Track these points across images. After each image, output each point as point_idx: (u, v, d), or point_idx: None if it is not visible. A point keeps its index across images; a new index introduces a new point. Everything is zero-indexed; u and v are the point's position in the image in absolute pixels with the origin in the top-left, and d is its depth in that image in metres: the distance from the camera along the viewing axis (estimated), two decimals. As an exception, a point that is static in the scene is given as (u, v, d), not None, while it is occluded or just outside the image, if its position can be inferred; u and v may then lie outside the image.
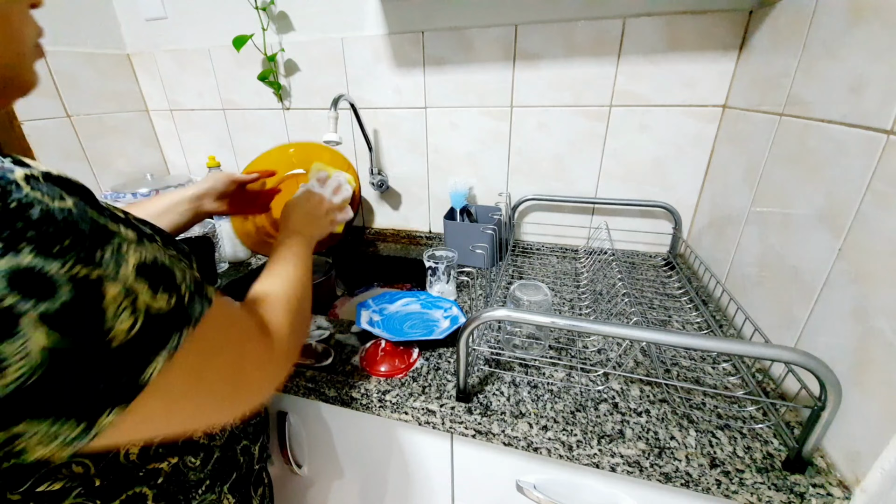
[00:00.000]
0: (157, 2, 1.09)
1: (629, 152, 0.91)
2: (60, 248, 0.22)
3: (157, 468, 0.38)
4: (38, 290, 0.21)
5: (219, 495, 0.43)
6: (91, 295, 0.22)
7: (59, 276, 0.21)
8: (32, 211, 0.21)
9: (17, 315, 0.20)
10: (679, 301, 0.77)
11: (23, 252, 0.21)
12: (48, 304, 0.21)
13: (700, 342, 0.43)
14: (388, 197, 1.15)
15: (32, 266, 0.21)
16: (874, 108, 0.44)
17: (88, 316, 0.22)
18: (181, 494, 0.40)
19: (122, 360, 0.24)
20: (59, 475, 0.31)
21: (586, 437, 0.50)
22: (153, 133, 1.29)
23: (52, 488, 0.31)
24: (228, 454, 0.46)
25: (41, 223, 0.22)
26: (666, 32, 0.79)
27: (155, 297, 0.25)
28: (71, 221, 0.23)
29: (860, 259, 0.45)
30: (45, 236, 0.22)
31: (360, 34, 0.97)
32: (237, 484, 0.47)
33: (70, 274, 0.22)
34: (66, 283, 0.22)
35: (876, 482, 0.40)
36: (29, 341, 0.21)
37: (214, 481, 0.43)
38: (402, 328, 0.69)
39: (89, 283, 0.23)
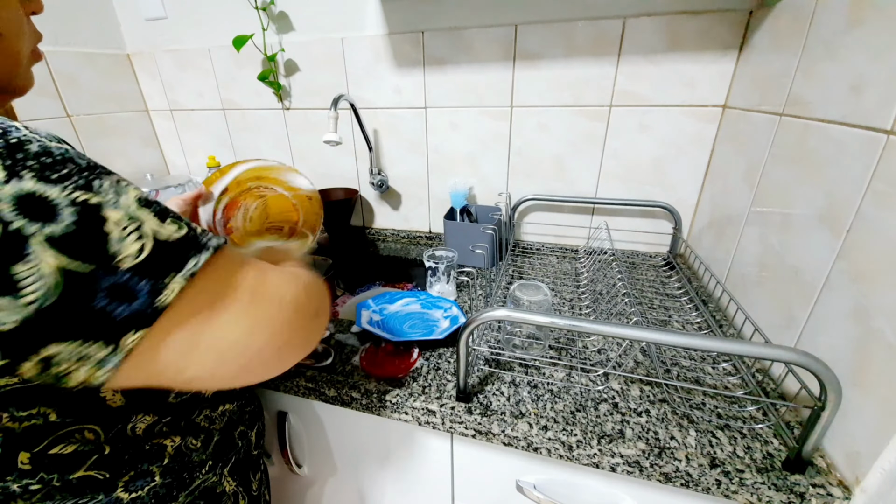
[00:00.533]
0: (157, 2, 1.09)
1: (629, 152, 0.91)
2: (59, 176, 0.23)
3: (162, 444, 0.39)
4: (42, 214, 0.22)
5: (220, 477, 0.45)
6: (92, 219, 0.24)
7: (60, 200, 0.23)
8: (31, 146, 0.23)
9: (25, 237, 0.21)
10: (679, 301, 0.77)
11: (24, 178, 0.22)
12: (53, 227, 0.22)
13: (700, 342, 0.43)
14: (388, 197, 1.15)
15: (34, 191, 0.22)
16: (874, 108, 0.44)
17: (92, 238, 0.23)
18: (185, 473, 0.41)
19: (135, 283, 0.24)
20: (72, 439, 0.32)
21: (586, 437, 0.50)
22: (153, 133, 1.29)
23: (65, 451, 0.32)
24: (227, 438, 0.47)
25: (40, 155, 0.23)
26: (666, 32, 0.79)
27: (163, 225, 0.26)
28: (68, 156, 0.25)
29: (860, 259, 0.45)
30: (45, 165, 0.23)
31: (360, 34, 0.97)
32: (236, 467, 0.48)
33: (70, 198, 0.23)
34: (68, 207, 0.23)
35: (876, 482, 0.40)
36: (41, 263, 0.22)
37: (216, 462, 0.44)
38: (402, 328, 0.69)
39: (89, 207, 0.24)
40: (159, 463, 0.39)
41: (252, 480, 0.51)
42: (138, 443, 0.37)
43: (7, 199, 0.21)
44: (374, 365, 0.61)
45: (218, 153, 1.26)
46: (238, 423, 0.49)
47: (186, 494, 0.41)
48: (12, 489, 0.31)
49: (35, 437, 0.30)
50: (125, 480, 0.36)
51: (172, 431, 0.40)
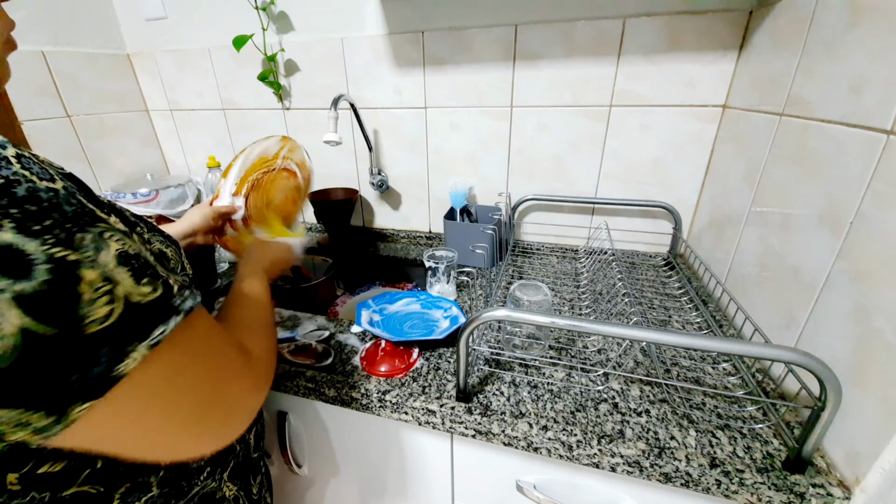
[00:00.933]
0: (157, 2, 1.09)
1: (629, 152, 0.91)
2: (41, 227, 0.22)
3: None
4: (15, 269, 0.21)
5: (219, 482, 0.44)
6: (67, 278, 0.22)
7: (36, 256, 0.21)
8: (18, 188, 0.22)
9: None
10: (679, 301, 0.77)
11: (4, 228, 0.21)
12: (24, 284, 0.21)
13: (700, 342, 0.43)
14: (388, 197, 1.15)
15: (11, 243, 0.21)
16: (874, 108, 0.44)
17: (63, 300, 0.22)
18: (183, 481, 0.40)
19: (96, 349, 0.23)
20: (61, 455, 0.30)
21: (586, 437, 0.50)
22: (153, 133, 1.29)
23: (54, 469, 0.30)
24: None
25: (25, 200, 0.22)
26: (666, 32, 0.79)
27: (137, 286, 0.25)
28: (55, 203, 0.23)
29: (860, 259, 0.45)
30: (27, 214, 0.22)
31: (360, 34, 0.97)
32: (236, 471, 0.47)
33: (48, 254, 0.22)
34: (44, 264, 0.21)
35: (876, 482, 0.40)
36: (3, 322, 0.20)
37: (215, 468, 0.43)
38: (401, 328, 0.69)
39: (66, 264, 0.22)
40: (156, 473, 0.37)
41: (252, 484, 0.51)
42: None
43: None
44: (374, 365, 0.61)
45: (218, 153, 1.26)
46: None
47: (185, 503, 0.40)
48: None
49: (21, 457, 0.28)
50: (121, 493, 0.34)
51: None
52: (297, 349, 0.65)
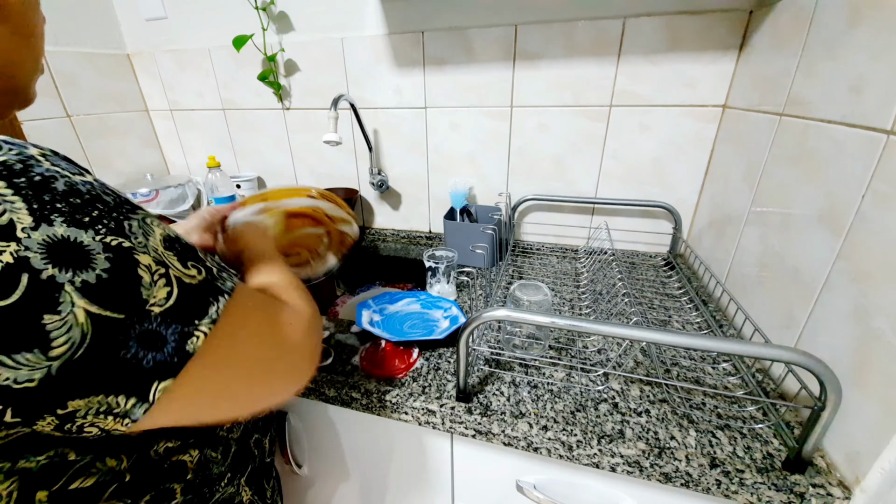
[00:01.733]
0: (157, 2, 1.09)
1: (629, 152, 0.91)
2: (90, 219, 0.23)
3: (182, 461, 0.37)
4: (74, 260, 0.21)
5: (237, 487, 0.44)
6: (126, 264, 0.23)
7: (93, 246, 0.22)
8: (57, 184, 0.22)
9: (58, 285, 0.21)
10: (679, 301, 0.77)
11: (56, 223, 0.21)
12: (87, 275, 0.22)
13: (700, 342, 0.43)
14: (388, 197, 1.15)
15: (67, 236, 0.21)
16: (874, 108, 0.44)
17: (125, 285, 0.23)
18: (206, 487, 0.40)
19: (164, 329, 0.24)
20: (92, 470, 0.30)
21: (586, 437, 0.50)
22: (153, 133, 1.30)
23: (85, 485, 0.30)
24: (243, 447, 0.46)
25: (68, 195, 0.22)
26: (666, 32, 0.79)
27: (185, 270, 0.26)
28: (95, 194, 0.24)
29: (860, 259, 0.45)
30: (74, 207, 0.22)
31: (360, 34, 0.97)
32: (252, 476, 0.47)
33: (103, 243, 0.22)
34: (101, 253, 0.22)
35: (876, 482, 0.40)
36: (73, 313, 0.21)
37: (234, 474, 0.44)
38: (402, 328, 0.69)
39: (122, 251, 0.23)
40: (182, 478, 0.37)
41: (266, 488, 0.51)
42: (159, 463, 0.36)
43: (36, 247, 0.20)
44: (374, 365, 0.61)
45: (218, 153, 1.26)
46: (253, 431, 0.48)
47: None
48: None
49: (53, 474, 0.28)
50: (146, 501, 0.34)
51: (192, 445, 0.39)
52: (297, 349, 0.65)
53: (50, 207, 0.21)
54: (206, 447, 0.40)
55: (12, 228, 0.20)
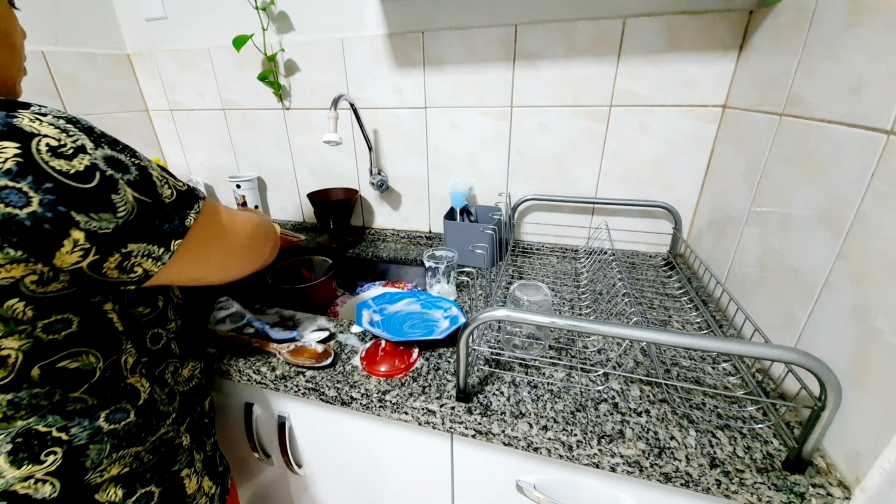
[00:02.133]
0: (157, 2, 1.09)
1: (629, 152, 0.91)
2: (120, 147, 0.37)
3: (135, 388, 0.46)
4: (121, 168, 0.36)
5: (177, 432, 0.51)
6: (146, 173, 0.38)
7: (126, 162, 0.37)
8: (95, 128, 0.37)
9: (116, 180, 0.35)
10: (679, 301, 0.77)
11: (105, 147, 0.36)
12: (129, 176, 0.36)
13: (700, 342, 0.43)
14: (388, 197, 1.15)
15: (112, 155, 0.36)
16: (874, 108, 0.44)
17: (149, 184, 0.38)
18: (154, 418, 0.48)
19: (172, 212, 0.40)
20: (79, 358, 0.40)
21: (586, 437, 0.50)
22: (153, 133, 1.29)
23: (70, 366, 0.40)
24: (188, 401, 0.54)
25: (104, 136, 0.37)
26: (666, 32, 0.79)
27: (176, 181, 0.41)
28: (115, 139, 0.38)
29: (860, 259, 0.45)
30: (109, 141, 0.37)
31: (360, 34, 0.97)
32: (191, 427, 0.54)
33: (132, 161, 0.37)
34: (132, 166, 0.37)
35: (876, 482, 0.40)
36: (125, 194, 0.36)
37: (177, 418, 0.51)
38: (402, 328, 0.69)
39: (142, 167, 0.38)
40: (135, 403, 0.46)
41: (206, 442, 0.57)
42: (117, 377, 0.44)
43: (101, 158, 0.35)
44: (374, 365, 0.61)
45: (218, 153, 1.26)
46: (195, 394, 0.56)
47: (153, 439, 0.47)
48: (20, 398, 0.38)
49: (52, 349, 0.38)
50: (107, 413, 0.43)
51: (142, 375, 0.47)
52: (297, 349, 0.65)
53: (99, 139, 0.36)
54: (154, 384, 0.48)
55: (84, 148, 0.34)
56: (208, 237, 0.45)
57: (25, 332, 0.36)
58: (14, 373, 0.37)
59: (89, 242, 0.34)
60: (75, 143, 0.33)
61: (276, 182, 1.25)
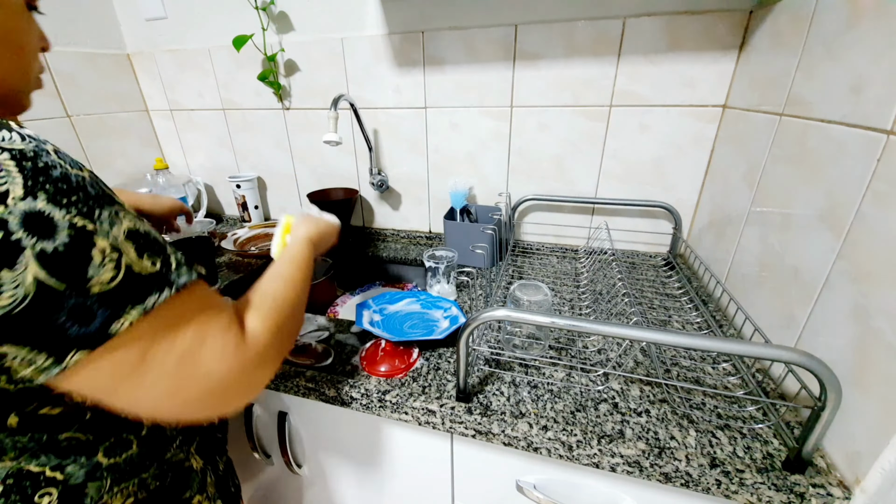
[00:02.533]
0: (157, 2, 1.09)
1: (629, 152, 0.91)
2: (68, 201, 0.26)
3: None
4: (42, 231, 0.25)
5: (186, 454, 0.47)
6: (82, 242, 0.27)
7: (60, 222, 0.26)
8: (55, 171, 0.27)
9: (21, 248, 0.24)
10: (679, 301, 0.77)
11: (39, 198, 0.25)
12: (46, 244, 0.25)
13: (700, 342, 0.43)
14: (388, 197, 1.15)
15: (43, 210, 0.25)
16: (874, 108, 0.44)
17: (76, 260, 0.26)
18: (158, 446, 0.43)
19: (95, 307, 0.27)
20: (61, 402, 0.34)
21: (586, 437, 0.50)
22: (153, 133, 1.29)
23: (52, 412, 0.34)
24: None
25: (59, 180, 0.27)
26: (666, 32, 0.79)
27: (140, 260, 0.29)
28: (83, 185, 0.28)
29: (860, 259, 0.45)
30: (59, 191, 0.26)
31: (360, 34, 0.97)
32: (201, 447, 0.50)
33: (70, 221, 0.26)
34: (65, 229, 0.26)
35: (876, 482, 0.40)
36: (25, 273, 0.25)
37: (184, 440, 0.47)
38: (402, 328, 0.69)
39: (84, 232, 0.27)
40: (138, 433, 0.41)
41: (218, 461, 0.53)
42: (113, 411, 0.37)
43: (18, 214, 0.24)
44: (374, 365, 0.61)
45: (218, 153, 1.26)
46: None
47: (158, 465, 0.43)
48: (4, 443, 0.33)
49: (27, 398, 0.32)
50: (106, 446, 0.38)
51: None
52: (297, 349, 0.65)
53: (40, 187, 0.25)
54: None
55: (5, 196, 0.24)
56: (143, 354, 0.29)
57: None
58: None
59: None
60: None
61: (276, 182, 1.25)
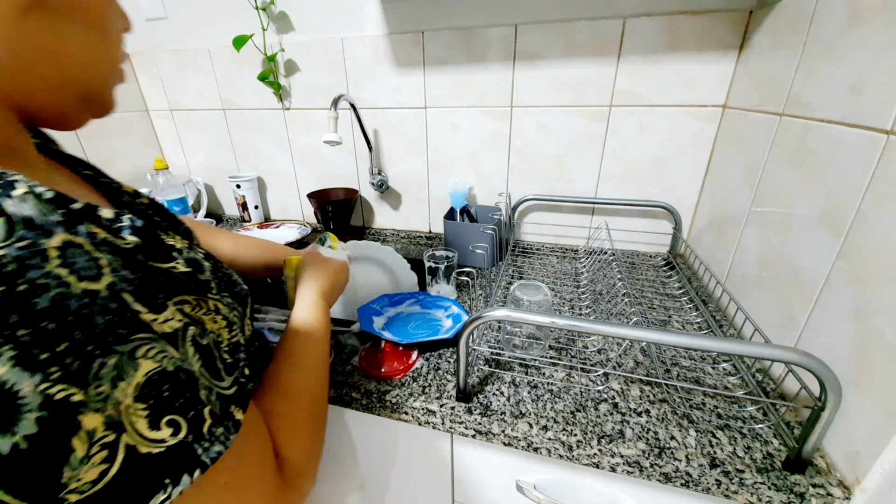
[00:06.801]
0: (157, 2, 1.09)
1: (629, 152, 0.91)
2: (50, 355, 0.17)
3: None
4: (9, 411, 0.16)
5: None
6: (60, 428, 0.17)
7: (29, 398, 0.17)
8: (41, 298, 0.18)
9: None
10: (679, 301, 0.77)
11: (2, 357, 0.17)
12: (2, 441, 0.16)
13: (700, 342, 0.43)
14: (388, 197, 1.15)
15: (4, 381, 0.16)
16: (874, 108, 0.44)
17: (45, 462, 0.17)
18: None
19: None
20: None
21: (586, 437, 0.50)
22: (153, 133, 1.30)
23: None
24: None
25: (44, 316, 0.17)
26: (666, 32, 0.79)
27: (156, 430, 0.20)
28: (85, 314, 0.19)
29: (860, 259, 0.45)
30: (39, 336, 0.17)
31: (360, 34, 0.97)
32: None
33: (45, 394, 0.17)
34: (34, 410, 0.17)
35: (876, 482, 0.40)
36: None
37: None
38: (405, 329, 0.69)
39: (65, 408, 0.18)
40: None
41: None
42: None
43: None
44: (374, 366, 0.61)
45: (218, 153, 1.26)
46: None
47: None
48: None
49: None
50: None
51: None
52: (297, 349, 0.65)
53: (7, 334, 0.17)
54: None
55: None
56: None
57: None
58: None
59: None
60: None
61: (276, 182, 1.25)
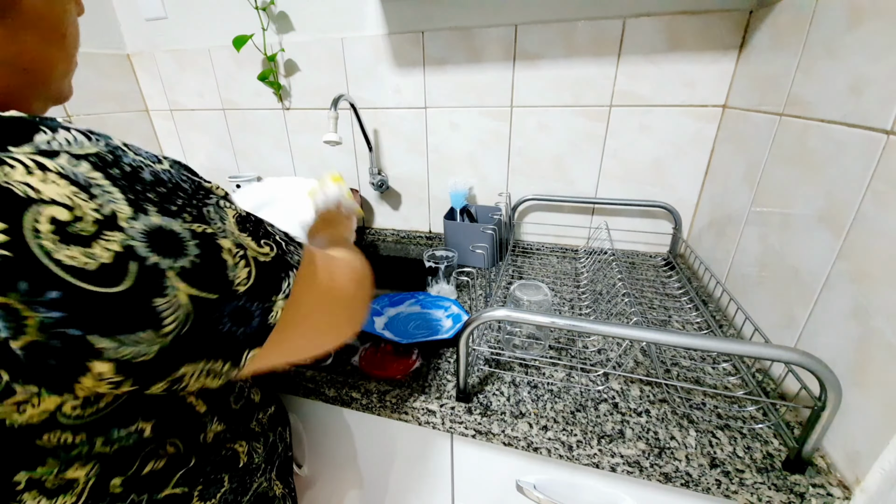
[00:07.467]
0: (157, 2, 1.09)
1: (629, 152, 0.90)
2: (177, 207, 0.24)
3: (236, 451, 0.40)
4: (171, 248, 0.23)
5: (270, 482, 0.46)
6: (212, 249, 0.25)
7: (183, 234, 0.24)
8: (144, 173, 0.24)
9: (162, 271, 0.23)
10: (679, 301, 0.77)
11: (150, 212, 0.23)
12: (183, 261, 0.23)
13: (700, 342, 0.43)
14: (388, 197, 1.15)
15: (160, 226, 0.23)
16: (874, 108, 0.44)
17: (214, 268, 0.25)
18: (248, 477, 0.42)
19: (249, 305, 0.27)
20: (161, 452, 0.33)
21: (586, 437, 0.50)
22: (153, 133, 1.29)
23: (157, 467, 0.33)
24: (273, 439, 0.48)
25: (155, 184, 0.24)
26: (666, 32, 0.79)
27: (259, 249, 0.28)
28: (175, 182, 0.25)
29: (860, 259, 0.45)
30: (163, 196, 0.24)
31: (360, 34, 0.97)
32: (280, 470, 0.49)
33: (191, 230, 0.24)
34: (190, 240, 0.24)
35: (876, 482, 0.40)
36: (176, 295, 0.23)
37: (267, 466, 0.45)
38: (405, 329, 0.69)
39: (206, 238, 0.25)
40: (234, 469, 0.40)
41: (291, 483, 0.52)
42: (214, 451, 0.38)
43: (139, 236, 0.22)
44: (373, 366, 0.61)
45: (218, 153, 1.26)
46: (277, 423, 0.50)
47: (247, 499, 0.42)
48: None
49: (126, 458, 0.31)
50: (199, 490, 0.36)
51: (236, 437, 0.41)
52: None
53: (143, 197, 0.23)
54: (250, 440, 0.42)
55: (114, 219, 0.22)
56: (300, 324, 0.32)
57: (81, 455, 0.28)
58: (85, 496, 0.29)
59: (121, 374, 0.23)
60: (100, 212, 0.21)
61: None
